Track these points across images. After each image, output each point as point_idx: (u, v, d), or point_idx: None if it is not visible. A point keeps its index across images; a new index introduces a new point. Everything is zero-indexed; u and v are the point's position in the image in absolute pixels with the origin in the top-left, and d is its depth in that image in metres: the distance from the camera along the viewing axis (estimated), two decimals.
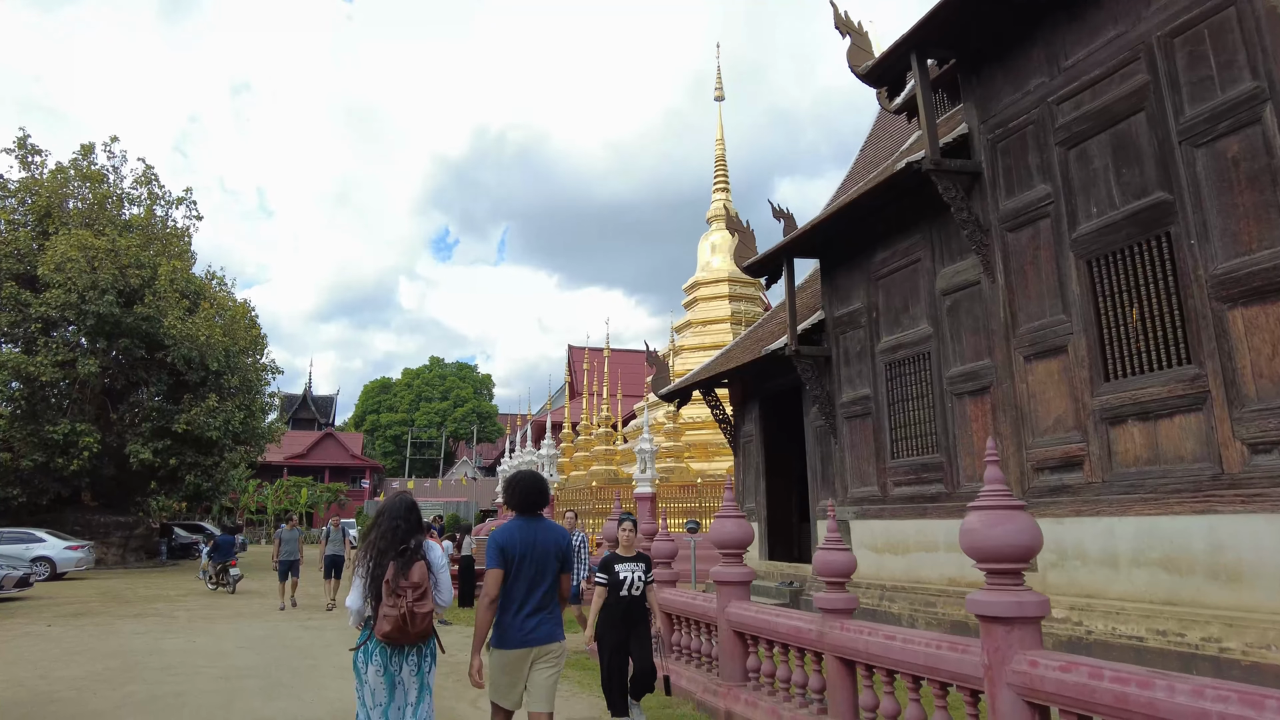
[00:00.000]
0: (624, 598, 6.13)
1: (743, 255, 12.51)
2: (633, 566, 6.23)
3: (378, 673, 3.87)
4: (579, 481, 23.32)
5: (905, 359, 10.27)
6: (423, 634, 3.91)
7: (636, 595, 6.18)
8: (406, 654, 3.92)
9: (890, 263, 10.65)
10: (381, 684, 3.87)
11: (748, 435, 14.00)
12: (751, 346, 13.84)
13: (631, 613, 6.17)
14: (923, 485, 9.82)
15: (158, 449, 26.32)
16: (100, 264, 24.91)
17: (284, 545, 14.69)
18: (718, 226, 28.00)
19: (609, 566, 6.22)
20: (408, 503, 4.20)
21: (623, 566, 6.22)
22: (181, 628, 11.95)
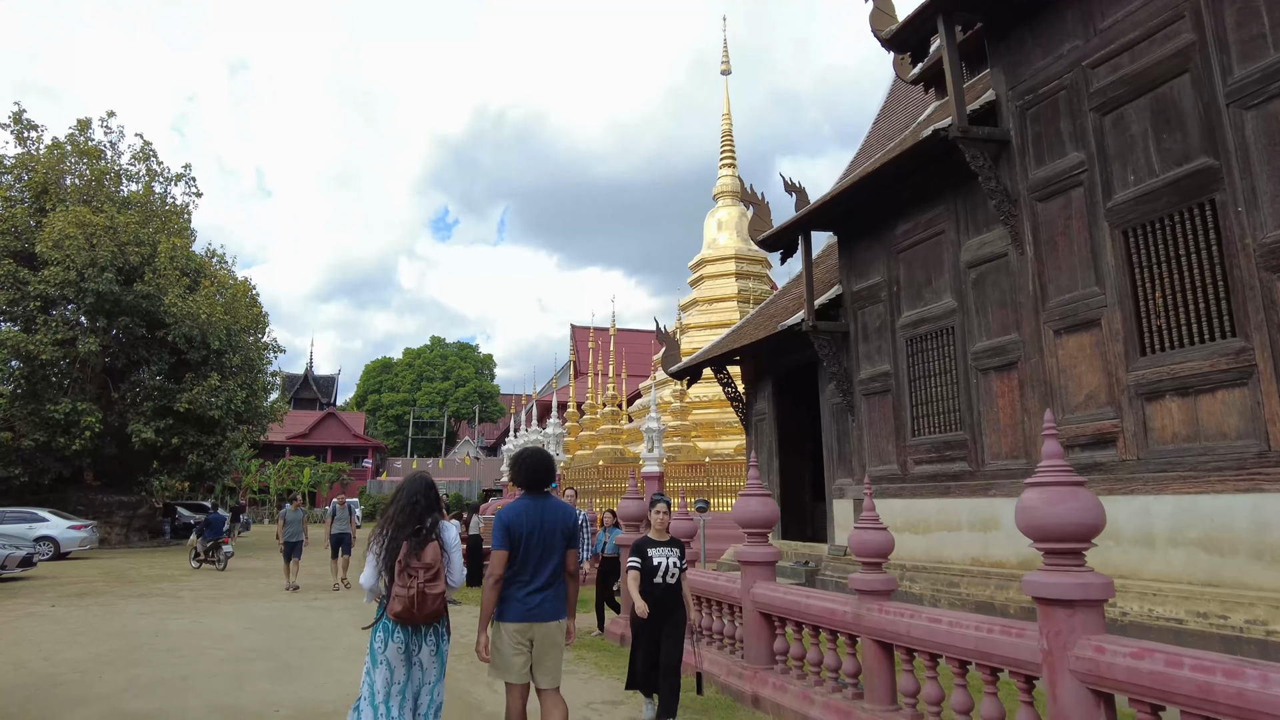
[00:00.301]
0: (657, 585, 5.64)
1: (757, 229, 12.20)
2: (667, 551, 5.74)
3: (399, 651, 3.85)
4: (585, 461, 23.12)
5: (927, 334, 10.00)
6: (434, 614, 3.89)
7: (671, 583, 5.66)
8: (425, 634, 3.93)
9: (912, 235, 10.35)
10: (401, 663, 3.86)
11: (760, 413, 13.75)
12: (764, 323, 13.56)
13: (666, 602, 5.63)
14: (945, 463, 9.58)
15: (160, 428, 26.11)
16: (99, 241, 24.57)
17: (288, 526, 14.41)
18: (724, 203, 27.61)
19: (642, 551, 5.77)
20: (426, 481, 4.19)
21: (656, 551, 5.73)
22: (186, 608, 11.78)
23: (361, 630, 4.22)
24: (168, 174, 29.59)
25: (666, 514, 6.00)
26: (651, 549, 5.76)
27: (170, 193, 29.81)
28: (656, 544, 5.82)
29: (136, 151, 28.87)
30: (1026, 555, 8.42)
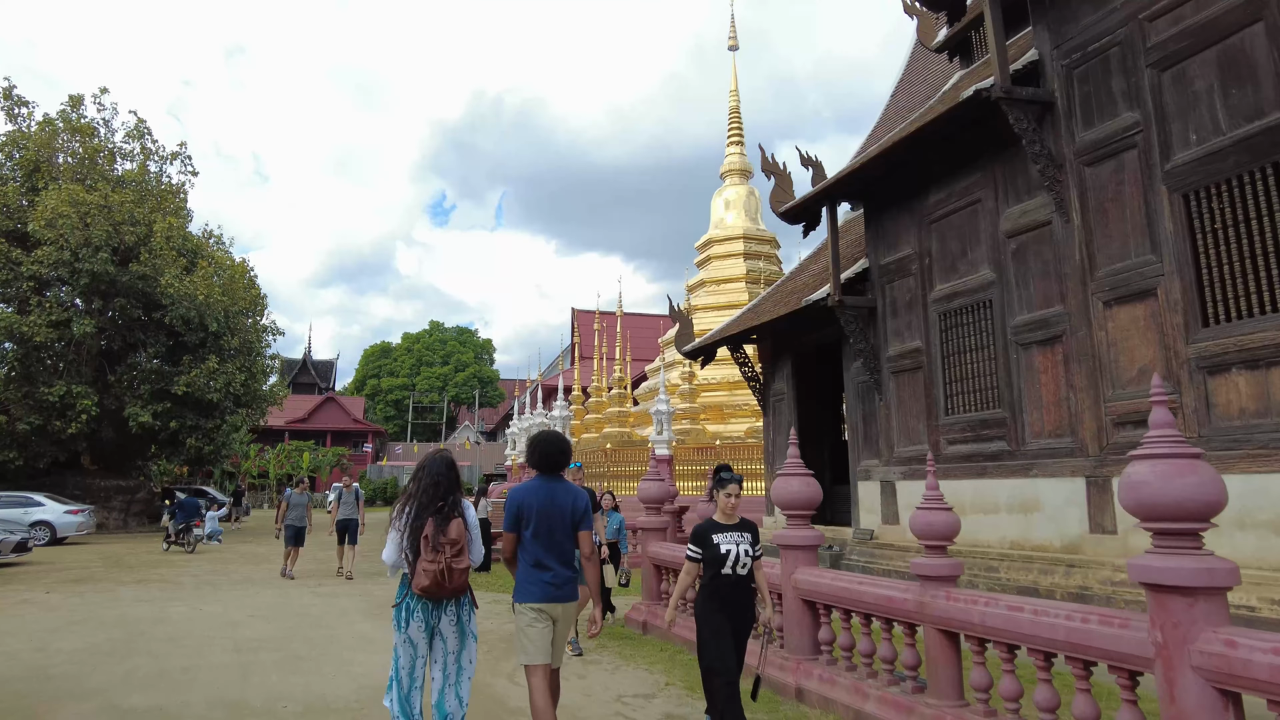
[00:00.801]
0: (727, 577, 4.52)
1: (779, 199, 11.70)
2: (737, 537, 4.60)
3: (420, 628, 3.98)
4: (591, 444, 22.71)
5: (962, 308, 9.54)
6: (459, 589, 4.01)
7: (743, 574, 4.57)
8: (445, 606, 4.03)
9: (946, 205, 9.87)
10: (423, 637, 4.00)
11: (778, 393, 13.30)
12: (783, 300, 13.09)
13: (738, 596, 4.57)
14: (982, 443, 9.15)
15: (157, 411, 25.62)
16: (93, 220, 23.99)
17: (291, 509, 13.70)
18: (732, 182, 27.07)
19: (704, 538, 4.62)
20: (447, 460, 4.25)
21: (724, 538, 4.58)
22: (187, 594, 11.36)
23: (392, 607, 4.14)
24: (163, 152, 28.95)
25: (738, 496, 4.77)
26: (717, 534, 4.60)
27: (165, 171, 29.19)
28: (723, 528, 4.65)
29: (131, 129, 28.20)
30: (1072, 538, 8.01)
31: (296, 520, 13.65)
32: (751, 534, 4.72)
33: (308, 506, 14.09)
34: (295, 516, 13.64)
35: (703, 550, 4.63)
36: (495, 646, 7.67)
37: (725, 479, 4.82)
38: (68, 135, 26.80)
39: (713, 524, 4.75)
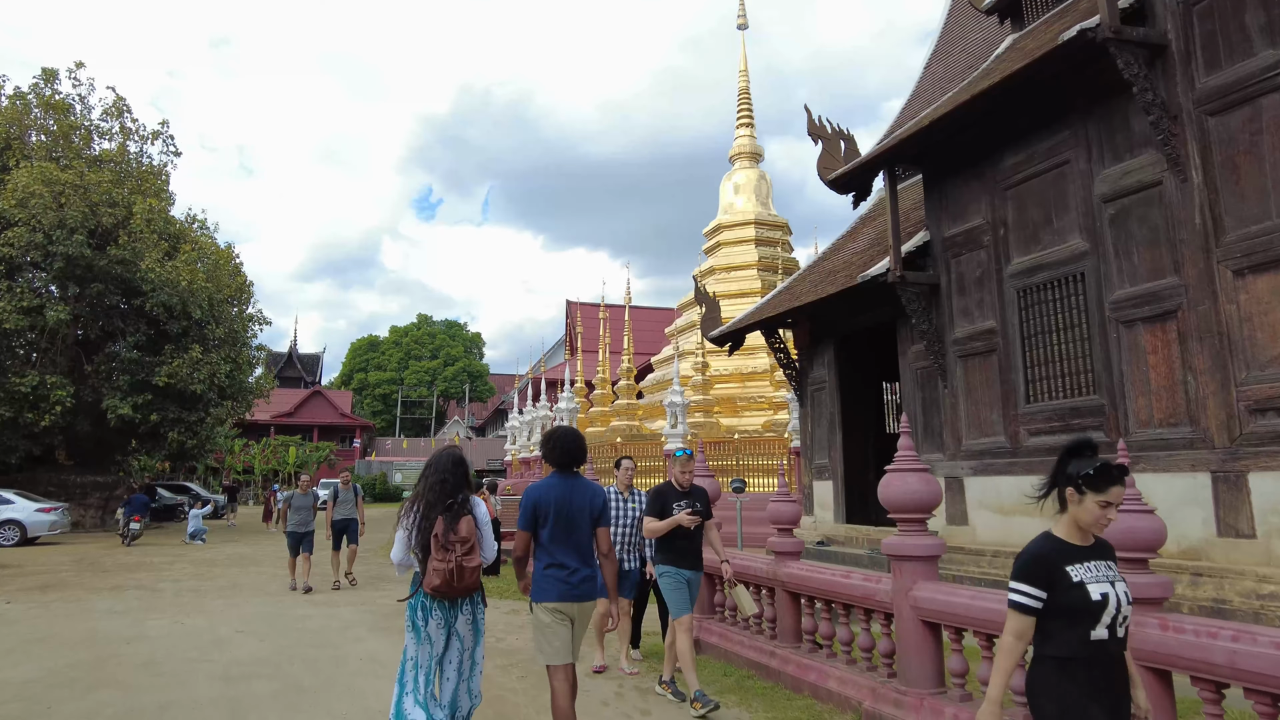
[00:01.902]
0: (1097, 644, 2.51)
1: (828, 166, 10.60)
2: (1108, 572, 2.62)
3: (438, 626, 3.93)
4: (597, 438, 21.57)
5: (1047, 283, 8.48)
6: (471, 587, 3.95)
7: (1121, 638, 2.57)
8: (461, 605, 4.00)
9: (1026, 167, 8.80)
10: (441, 636, 3.96)
11: (817, 382, 12.21)
12: (821, 281, 12.01)
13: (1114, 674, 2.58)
14: (1073, 434, 8.08)
15: (137, 404, 24.22)
16: (68, 200, 22.56)
17: (295, 513, 11.59)
18: (741, 165, 25.97)
19: (1048, 569, 2.57)
20: (455, 457, 4.16)
21: (1087, 571, 2.55)
22: (167, 604, 10.15)
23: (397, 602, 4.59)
24: (143, 131, 27.45)
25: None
26: (1073, 564, 2.52)
27: (146, 152, 27.68)
28: (1078, 553, 2.56)
29: (109, 106, 26.70)
30: (1193, 542, 6.97)
31: (301, 525, 11.55)
32: (1112, 559, 2.67)
33: (314, 508, 11.93)
34: (299, 520, 11.57)
35: (1049, 594, 2.53)
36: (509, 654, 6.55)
37: (1112, 476, 2.54)
38: (41, 111, 25.29)
39: (1056, 543, 2.61)
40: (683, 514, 5.64)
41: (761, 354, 21.79)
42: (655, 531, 5.69)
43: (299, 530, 11.54)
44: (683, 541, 5.74)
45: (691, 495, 5.83)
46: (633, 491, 6.67)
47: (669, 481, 5.89)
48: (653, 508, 5.77)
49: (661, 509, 5.73)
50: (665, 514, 5.70)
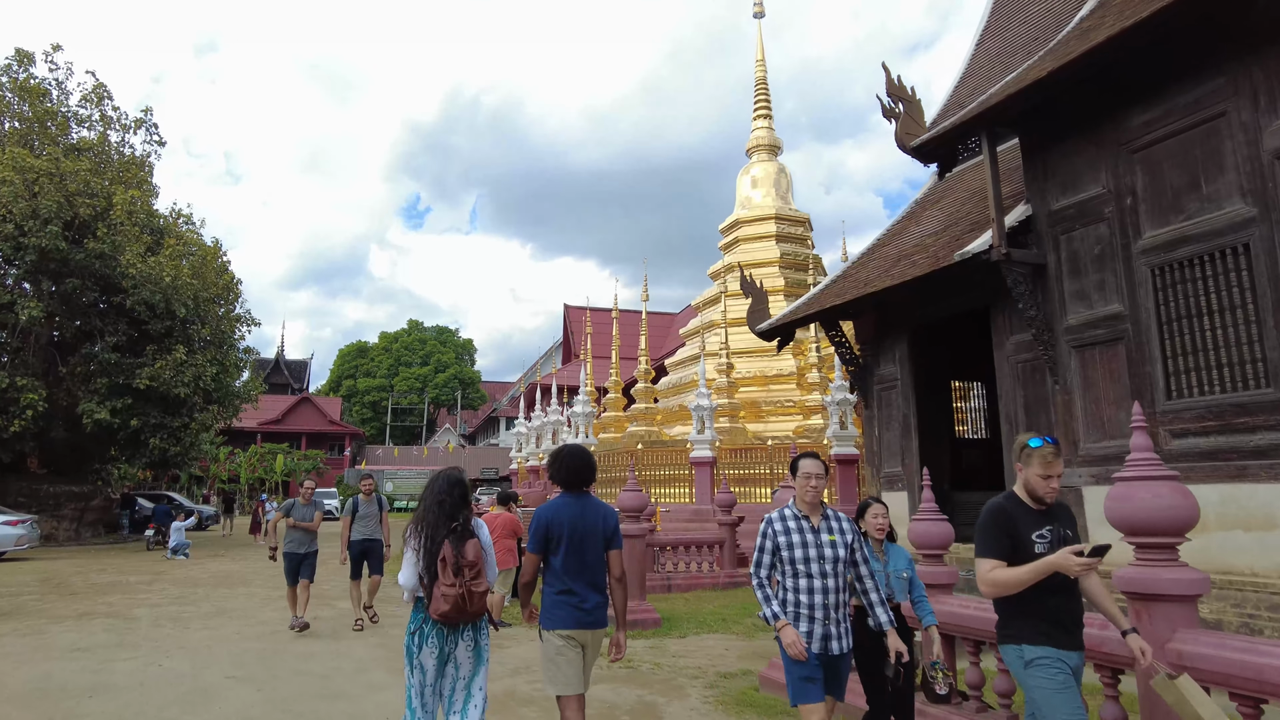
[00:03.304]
0: None
1: (910, 131, 9.31)
2: None
3: (432, 654, 3.78)
4: (612, 444, 20.18)
5: (1195, 258, 7.17)
6: (479, 612, 3.82)
7: None
8: (462, 631, 3.84)
9: (1161, 125, 7.51)
10: (434, 665, 3.80)
11: (886, 379, 10.87)
12: (888, 266, 10.69)
13: None
14: (1235, 434, 6.78)
15: (116, 408, 22.58)
16: (42, 189, 20.98)
17: (294, 529, 9.09)
18: (759, 158, 24.74)
19: None
20: (452, 478, 3.99)
21: None
22: (142, 637, 8.63)
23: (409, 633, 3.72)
24: (125, 119, 25.90)
25: None
26: None
27: (128, 141, 26.14)
28: None
29: (88, 92, 25.14)
30: None
31: (300, 544, 9.05)
32: None
33: (319, 519, 9.28)
34: (298, 541, 9.04)
35: None
36: None
37: None
38: (14, 96, 23.71)
39: None
40: (1069, 554, 2.97)
41: (787, 355, 20.49)
42: (1012, 583, 3.09)
43: (298, 551, 9.02)
44: (1059, 599, 3.14)
45: (1055, 516, 3.24)
46: (831, 514, 3.90)
47: (1010, 496, 3.28)
48: (992, 540, 3.18)
49: (1011, 542, 3.15)
50: (1020, 551, 3.13)
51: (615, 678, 6.80)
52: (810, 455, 3.92)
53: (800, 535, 3.75)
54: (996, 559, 3.13)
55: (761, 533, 3.87)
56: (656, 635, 8.98)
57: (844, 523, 3.88)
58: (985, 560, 3.16)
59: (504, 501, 9.99)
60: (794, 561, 3.72)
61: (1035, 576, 3.04)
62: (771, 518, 3.88)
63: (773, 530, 3.82)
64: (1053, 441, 3.23)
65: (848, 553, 3.77)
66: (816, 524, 3.79)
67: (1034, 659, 3.10)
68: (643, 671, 7.11)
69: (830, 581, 3.68)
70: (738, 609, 11.01)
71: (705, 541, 13.37)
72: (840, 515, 3.91)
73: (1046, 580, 3.04)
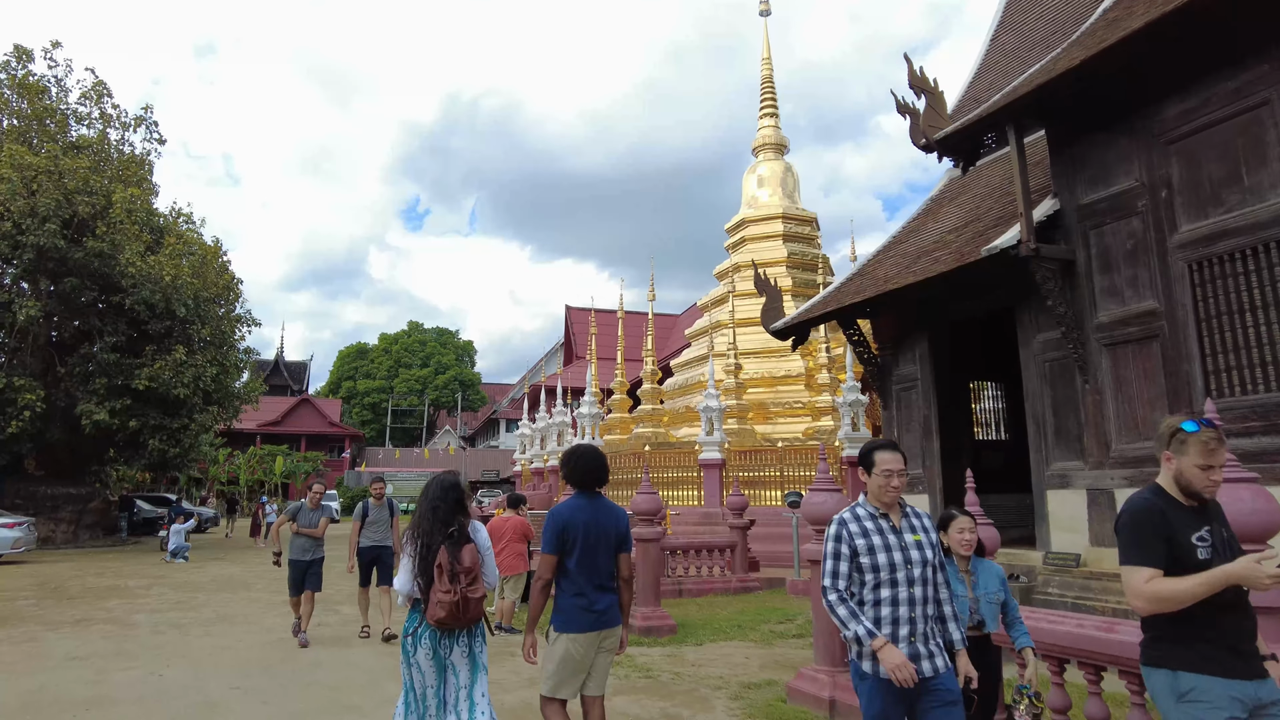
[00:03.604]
0: None
1: (932, 124, 9.05)
2: None
3: (427, 656, 3.75)
4: (619, 446, 19.90)
5: (1236, 252, 6.92)
6: (475, 618, 3.81)
7: None
8: (456, 636, 3.81)
9: (1199, 115, 7.26)
10: (431, 667, 3.75)
11: (905, 380, 10.61)
12: (908, 263, 10.43)
13: None
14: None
15: (115, 409, 22.28)
16: (40, 187, 20.70)
17: (296, 538, 8.49)
18: (766, 156, 24.48)
19: None
20: (446, 483, 3.98)
21: None
22: (142, 646, 8.35)
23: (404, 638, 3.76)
24: (124, 117, 25.63)
25: None
26: None
27: (128, 140, 25.87)
28: None
29: (87, 89, 24.87)
30: None
31: (305, 551, 8.45)
32: None
33: (327, 523, 8.66)
34: (303, 547, 8.46)
35: None
36: None
37: None
38: (13, 93, 23.44)
39: None
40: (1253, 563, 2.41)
41: (795, 357, 20.22)
42: (1179, 597, 2.49)
43: (302, 558, 8.39)
44: (1233, 618, 2.56)
45: (1212, 515, 2.68)
46: (911, 511, 3.33)
47: (1157, 491, 2.69)
48: (1146, 545, 2.58)
49: (1168, 547, 2.56)
50: (1179, 557, 2.55)
51: (635, 689, 6.53)
52: (888, 446, 3.31)
53: (881, 537, 3.15)
54: (1153, 568, 2.53)
55: (833, 536, 3.22)
56: (673, 643, 8.70)
57: (925, 520, 3.32)
58: (1139, 569, 2.55)
59: (513, 504, 9.70)
60: (876, 568, 3.11)
61: (1209, 589, 2.45)
62: (844, 518, 3.26)
63: (848, 533, 3.18)
64: (1213, 425, 2.66)
65: (935, 554, 3.21)
66: (898, 523, 3.20)
67: (1190, 690, 2.51)
68: (663, 681, 6.84)
69: (919, 590, 3.10)
70: (753, 615, 10.74)
71: (717, 545, 13.09)
72: (921, 513, 3.37)
73: (1217, 594, 2.47)
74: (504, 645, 8.14)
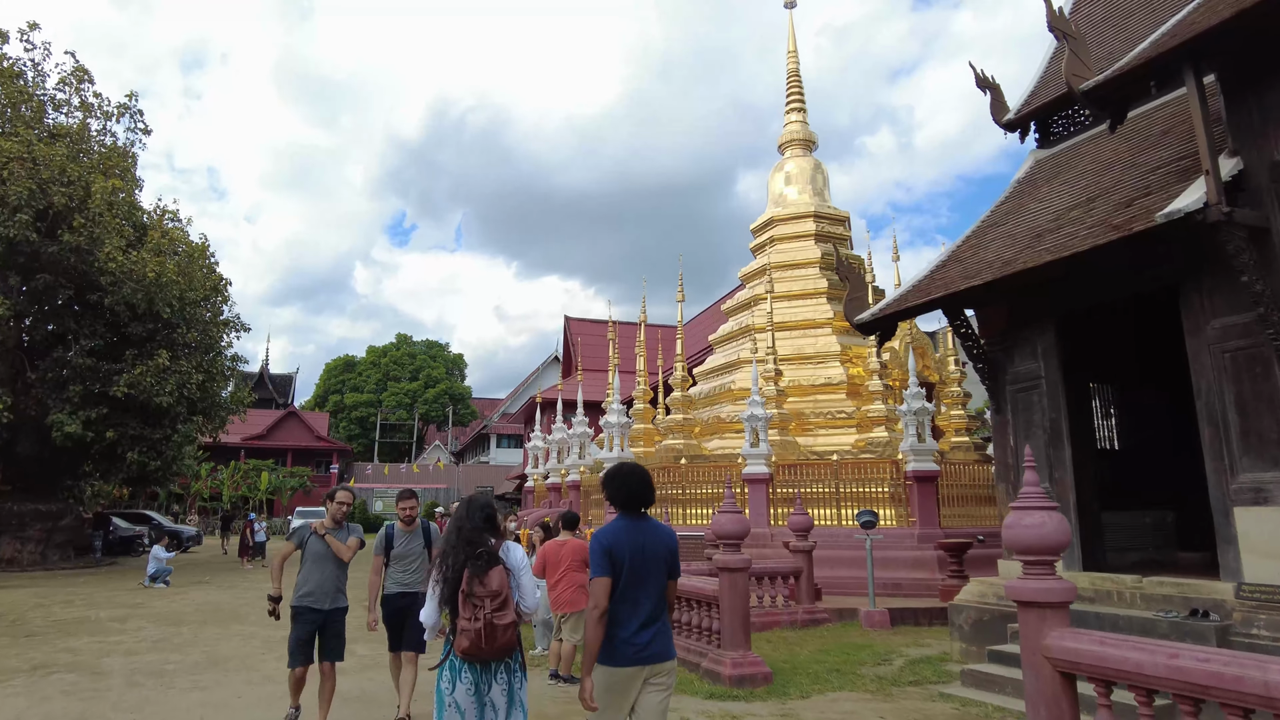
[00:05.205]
0: None
1: (1078, 73, 7.58)
2: None
3: (468, 691, 3.50)
4: (647, 459, 18.30)
5: None
6: (505, 648, 3.56)
7: None
8: (495, 671, 3.58)
9: None
10: (472, 703, 3.51)
11: (1025, 379, 9.09)
12: (1022, 244, 8.95)
13: None
14: None
15: (90, 419, 20.45)
16: (11, 174, 18.96)
17: (311, 569, 5.89)
18: (793, 153, 23.12)
19: None
20: (478, 502, 3.84)
21: None
22: (113, 705, 6.62)
23: (428, 670, 3.70)
24: (107, 106, 23.93)
25: None
26: None
27: (109, 129, 24.16)
28: None
29: (66, 75, 23.17)
30: None
31: (316, 596, 5.82)
32: None
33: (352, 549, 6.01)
34: (317, 584, 5.84)
35: None
36: None
37: None
38: None
39: None
40: None
41: (834, 363, 18.76)
42: None
43: (318, 606, 5.78)
44: None
45: None
46: None
47: None
48: None
49: None
50: None
51: None
52: None
53: None
54: None
55: None
56: (774, 695, 7.10)
57: None
58: None
59: (569, 525, 8.03)
60: None
61: None
62: None
63: None
64: None
65: None
66: None
67: None
68: None
69: None
70: (839, 654, 9.16)
71: (780, 572, 11.51)
72: None
73: None
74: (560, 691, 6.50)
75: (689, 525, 14.91)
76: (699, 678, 7.73)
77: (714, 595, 8.15)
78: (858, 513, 11.82)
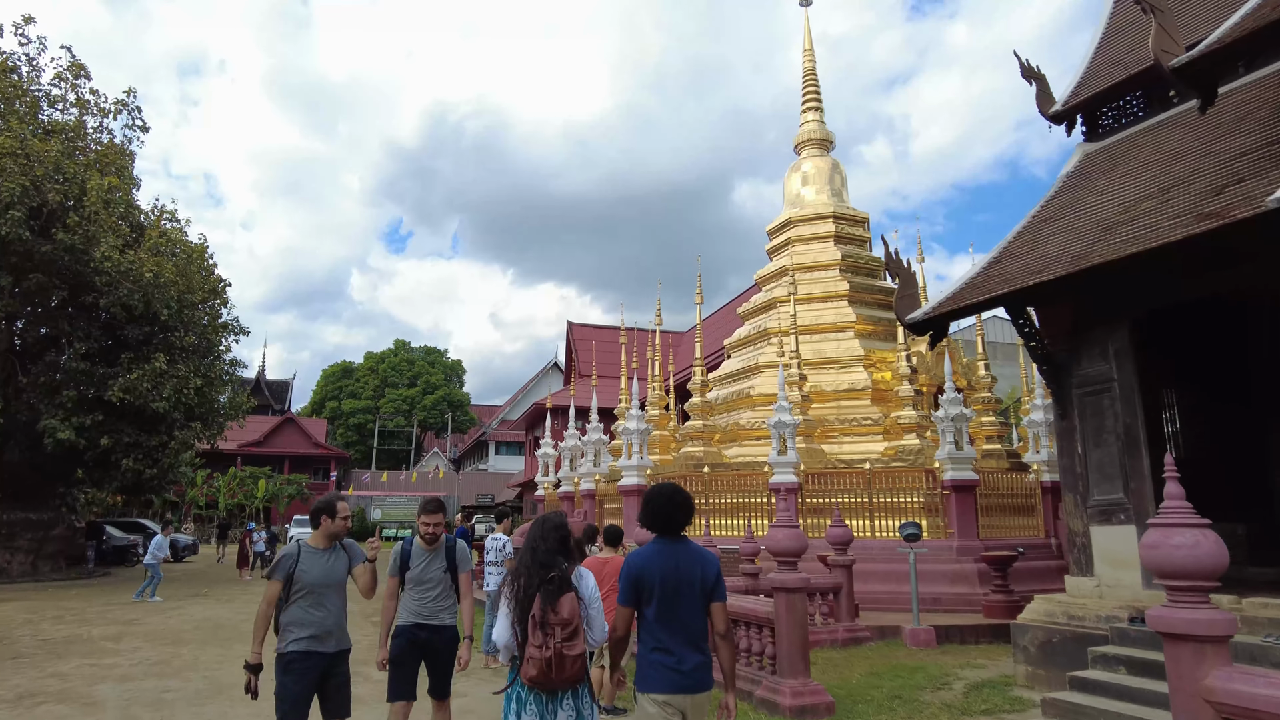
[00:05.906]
0: None
1: (1168, 50, 6.96)
2: None
3: None
4: (664, 467, 17.58)
5: None
6: (574, 678, 3.39)
7: None
8: (561, 700, 3.42)
9: None
10: None
11: (1092, 381, 8.45)
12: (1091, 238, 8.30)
13: None
14: None
15: (83, 425, 19.72)
16: (4, 169, 18.25)
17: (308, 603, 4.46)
18: (810, 153, 22.52)
19: None
20: (553, 523, 3.67)
21: None
22: None
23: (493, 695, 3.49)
24: (104, 102, 23.23)
25: None
26: None
27: (106, 126, 23.46)
28: None
29: (62, 70, 22.46)
30: None
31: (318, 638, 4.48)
32: None
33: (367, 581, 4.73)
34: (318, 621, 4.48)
35: None
36: None
37: None
38: None
39: None
40: None
41: (858, 368, 18.10)
42: None
43: (320, 650, 4.47)
44: None
45: None
46: None
47: None
48: None
49: None
50: None
51: None
52: None
53: None
54: None
55: None
56: None
57: None
58: None
59: (612, 541, 7.34)
60: None
61: None
62: None
63: None
64: None
65: None
66: None
67: None
68: None
69: None
70: (892, 677, 8.48)
71: (819, 588, 10.82)
72: None
73: None
74: None
75: (716, 537, 14.20)
76: (753, 707, 7.04)
77: (765, 616, 7.49)
78: (901, 525, 11.16)
